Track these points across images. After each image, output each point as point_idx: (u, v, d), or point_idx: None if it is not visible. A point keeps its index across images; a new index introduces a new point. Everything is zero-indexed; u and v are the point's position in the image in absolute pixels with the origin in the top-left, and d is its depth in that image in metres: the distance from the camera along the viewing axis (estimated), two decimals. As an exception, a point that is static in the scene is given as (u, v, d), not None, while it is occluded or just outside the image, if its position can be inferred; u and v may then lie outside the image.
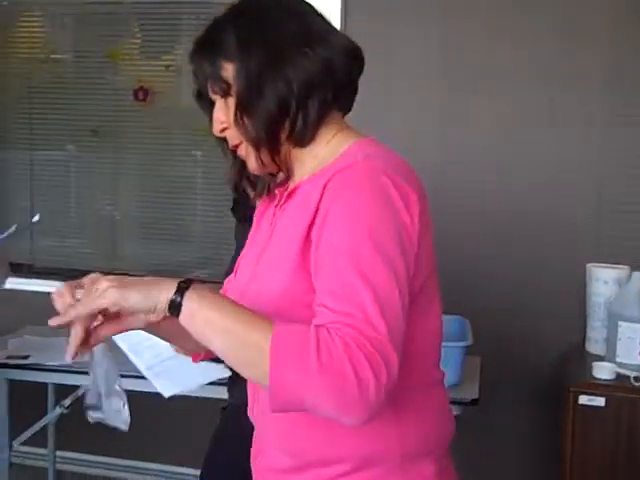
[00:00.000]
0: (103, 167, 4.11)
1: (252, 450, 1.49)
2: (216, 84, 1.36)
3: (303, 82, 1.32)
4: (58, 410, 3.18)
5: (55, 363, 2.86)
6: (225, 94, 1.36)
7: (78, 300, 1.20)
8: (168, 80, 4.00)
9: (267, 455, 1.42)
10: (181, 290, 1.18)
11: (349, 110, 1.45)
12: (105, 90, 4.03)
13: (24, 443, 3.19)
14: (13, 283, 3.05)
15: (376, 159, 1.31)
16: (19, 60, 4.18)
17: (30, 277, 3.70)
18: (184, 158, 4.02)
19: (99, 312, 1.20)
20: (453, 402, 2.68)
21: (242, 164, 1.43)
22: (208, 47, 1.36)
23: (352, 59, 1.39)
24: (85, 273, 1.26)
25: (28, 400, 2.97)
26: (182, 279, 1.21)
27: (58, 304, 1.22)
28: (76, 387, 3.09)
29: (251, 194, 1.48)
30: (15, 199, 4.13)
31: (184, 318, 1.17)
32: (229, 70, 1.34)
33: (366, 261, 1.19)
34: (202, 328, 1.18)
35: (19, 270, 3.55)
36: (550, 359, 3.33)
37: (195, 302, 1.17)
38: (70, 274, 3.87)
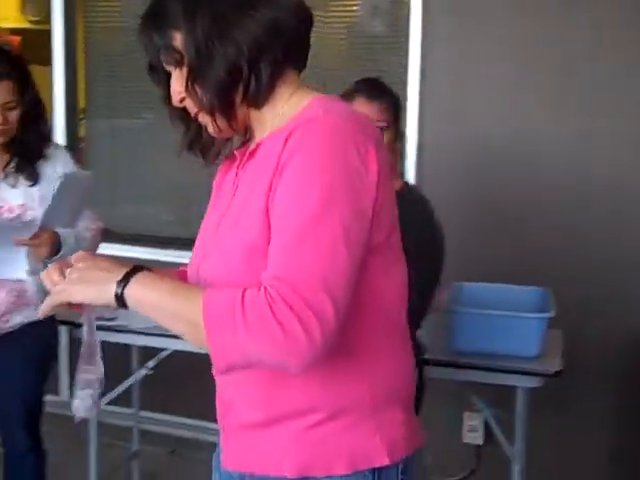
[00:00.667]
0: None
1: (218, 410, 1.50)
2: (168, 55, 1.36)
3: (252, 44, 1.32)
4: (143, 371, 3.27)
5: (140, 326, 2.93)
6: (178, 64, 1.36)
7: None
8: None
9: (236, 412, 1.43)
10: (124, 282, 1.27)
11: (304, 67, 1.45)
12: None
13: (110, 403, 3.29)
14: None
15: (336, 114, 1.32)
16: (99, 29, 4.25)
17: (112, 242, 3.78)
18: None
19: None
20: (535, 374, 2.67)
21: (195, 133, 1.46)
22: (156, 18, 1.36)
23: (298, 16, 1.38)
24: (163, 240, 1.31)
25: (114, 361, 3.05)
26: (130, 268, 1.30)
27: (47, 283, 1.38)
28: (160, 350, 3.16)
29: (204, 162, 1.50)
30: (97, 168, 4.22)
31: (132, 307, 1.28)
32: (178, 39, 1.34)
33: (310, 214, 1.22)
34: (148, 312, 1.28)
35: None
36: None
37: (136, 291, 1.27)
38: (149, 240, 3.96)
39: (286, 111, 1.38)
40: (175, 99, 1.40)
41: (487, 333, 2.62)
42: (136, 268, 1.30)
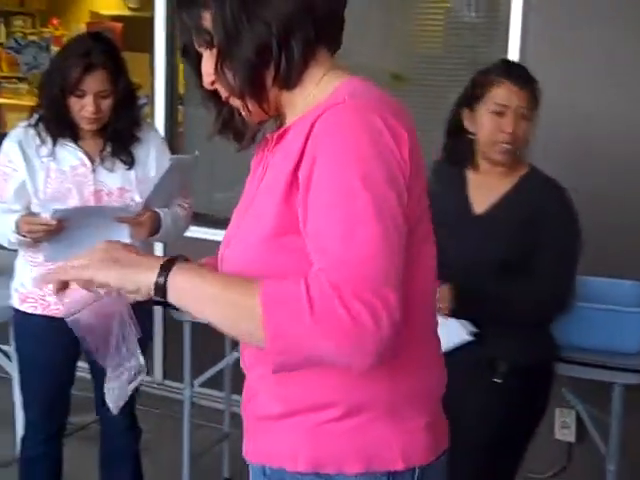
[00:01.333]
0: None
1: (242, 397, 1.45)
2: (199, 36, 1.32)
3: (281, 22, 1.26)
4: (235, 355, 3.31)
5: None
6: (208, 45, 1.32)
7: None
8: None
9: (257, 402, 1.39)
10: (165, 271, 1.20)
11: (338, 47, 1.38)
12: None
13: (202, 385, 3.35)
14: (194, 232, 3.18)
15: (365, 97, 1.26)
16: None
17: (208, 227, 3.84)
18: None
19: None
20: (635, 371, 2.59)
21: (228, 118, 1.41)
22: (189, 3, 1.32)
23: None
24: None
25: (206, 344, 3.10)
26: (166, 258, 1.23)
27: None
28: None
29: (237, 147, 1.44)
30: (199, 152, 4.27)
31: (172, 298, 1.21)
32: (208, 19, 1.30)
33: (358, 203, 1.16)
34: (192, 303, 1.21)
35: (199, 220, 3.69)
36: None
37: (179, 281, 1.20)
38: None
39: (317, 94, 1.32)
40: (206, 81, 1.35)
41: (585, 327, 2.57)
42: (173, 258, 1.24)
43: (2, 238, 2.56)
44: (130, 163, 2.64)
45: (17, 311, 2.64)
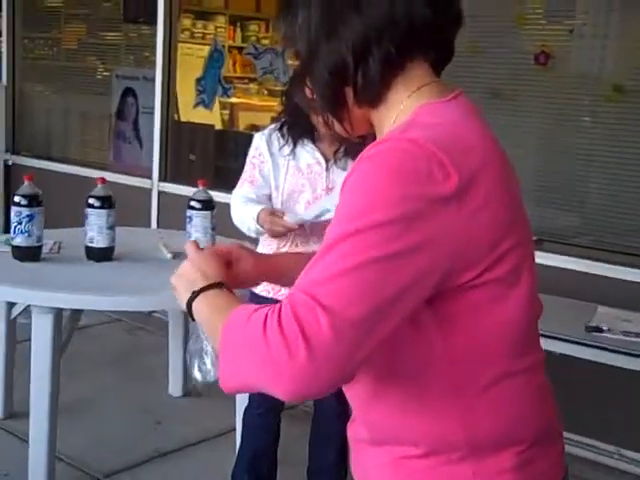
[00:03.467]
0: (499, 129, 4.21)
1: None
2: (289, 48, 1.32)
3: (358, 39, 1.20)
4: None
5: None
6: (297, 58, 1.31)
7: None
8: (569, 44, 4.00)
9: (354, 424, 1.39)
10: (194, 296, 1.29)
11: (443, 58, 1.29)
12: (505, 53, 4.13)
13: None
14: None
15: (418, 129, 1.16)
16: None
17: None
18: (582, 124, 3.99)
19: None
20: None
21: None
22: (285, 11, 1.29)
23: (431, 6, 1.21)
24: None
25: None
26: (208, 283, 1.29)
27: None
28: None
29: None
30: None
31: (195, 318, 1.30)
32: (297, 33, 1.27)
33: (347, 239, 1.09)
34: (200, 323, 1.29)
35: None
36: None
37: (197, 305, 1.28)
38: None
39: (400, 115, 1.25)
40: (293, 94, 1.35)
41: None
42: (213, 285, 1.29)
43: (243, 225, 2.85)
44: (361, 162, 2.83)
45: (253, 294, 2.89)
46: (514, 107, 4.17)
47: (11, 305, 3.48)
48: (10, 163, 6.32)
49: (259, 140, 2.90)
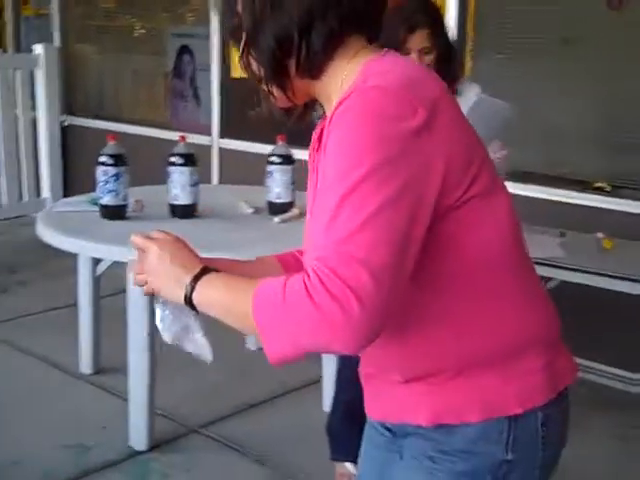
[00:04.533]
0: (570, 76, 4.14)
1: (361, 361, 1.51)
2: (232, 21, 1.37)
3: (303, 13, 1.28)
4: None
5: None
6: (240, 30, 1.36)
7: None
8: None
9: (379, 369, 1.45)
10: (192, 286, 1.29)
11: (375, 34, 1.38)
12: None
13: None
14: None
15: (375, 77, 1.25)
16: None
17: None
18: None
19: None
20: None
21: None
22: None
23: None
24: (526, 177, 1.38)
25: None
26: (199, 269, 1.30)
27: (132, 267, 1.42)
28: (547, 279, 3.19)
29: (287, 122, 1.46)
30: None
31: (198, 307, 1.31)
32: (240, 5, 1.35)
33: (346, 194, 1.17)
34: (209, 310, 1.30)
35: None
36: None
37: (201, 294, 1.29)
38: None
39: (345, 82, 1.32)
40: (240, 66, 1.40)
41: None
42: (205, 269, 1.31)
43: None
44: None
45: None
46: (585, 53, 4.10)
47: (96, 262, 3.53)
48: (66, 124, 6.36)
49: None
